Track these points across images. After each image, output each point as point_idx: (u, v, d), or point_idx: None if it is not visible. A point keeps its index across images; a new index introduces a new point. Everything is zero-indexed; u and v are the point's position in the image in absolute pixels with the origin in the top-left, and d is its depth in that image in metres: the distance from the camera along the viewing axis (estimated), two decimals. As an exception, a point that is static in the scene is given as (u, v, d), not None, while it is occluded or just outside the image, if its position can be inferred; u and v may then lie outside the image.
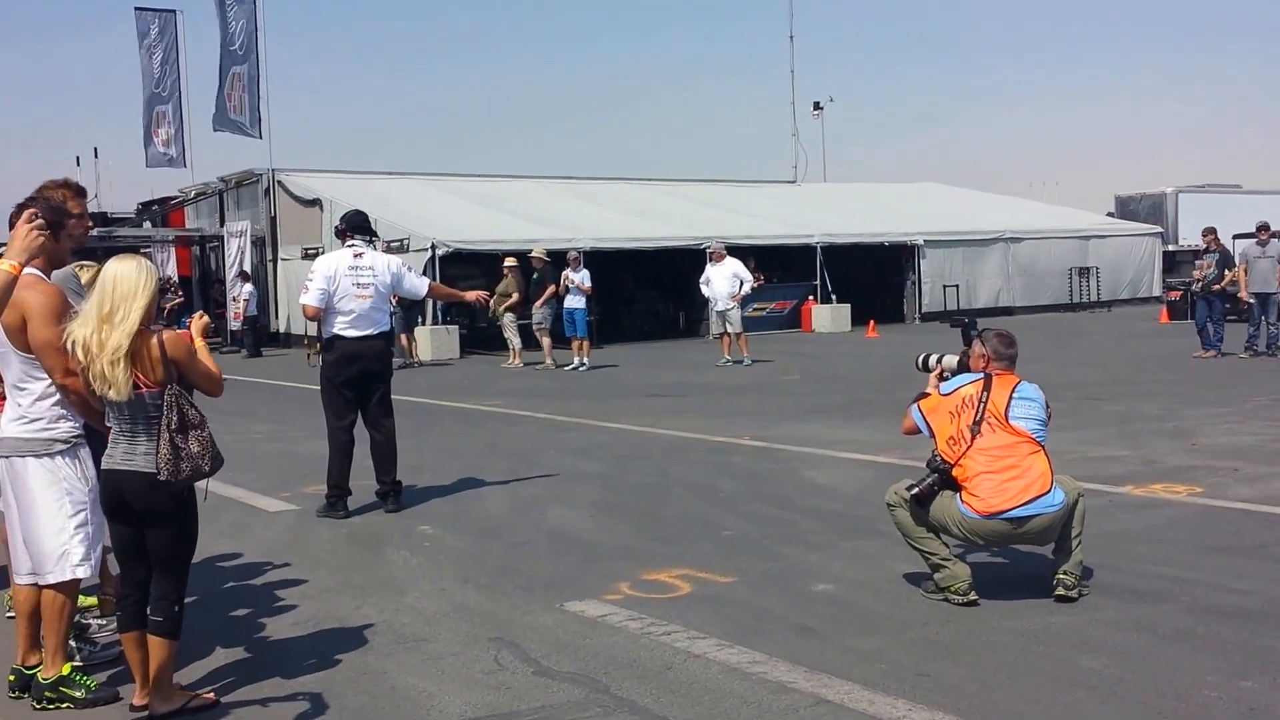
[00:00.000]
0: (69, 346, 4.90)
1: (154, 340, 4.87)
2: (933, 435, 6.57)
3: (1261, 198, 42.00)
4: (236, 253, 31.46)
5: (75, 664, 5.45)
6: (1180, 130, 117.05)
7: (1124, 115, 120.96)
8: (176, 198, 35.97)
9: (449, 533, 8.57)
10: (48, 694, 5.24)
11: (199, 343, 5.25)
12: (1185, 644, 5.65)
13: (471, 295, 10.48)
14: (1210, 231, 21.50)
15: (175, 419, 4.86)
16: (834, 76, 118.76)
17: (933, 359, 7.11)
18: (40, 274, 5.26)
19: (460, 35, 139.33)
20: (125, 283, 4.87)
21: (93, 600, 6.24)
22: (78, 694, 5.24)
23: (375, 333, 9.31)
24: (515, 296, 22.67)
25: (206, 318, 5.58)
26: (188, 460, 4.86)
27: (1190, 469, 9.99)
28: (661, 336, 30.80)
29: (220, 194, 34.61)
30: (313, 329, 9.98)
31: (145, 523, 4.96)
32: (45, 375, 5.18)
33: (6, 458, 5.29)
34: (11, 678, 5.43)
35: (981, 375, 6.59)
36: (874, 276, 34.64)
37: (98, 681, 5.41)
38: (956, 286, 35.16)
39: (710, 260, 22.92)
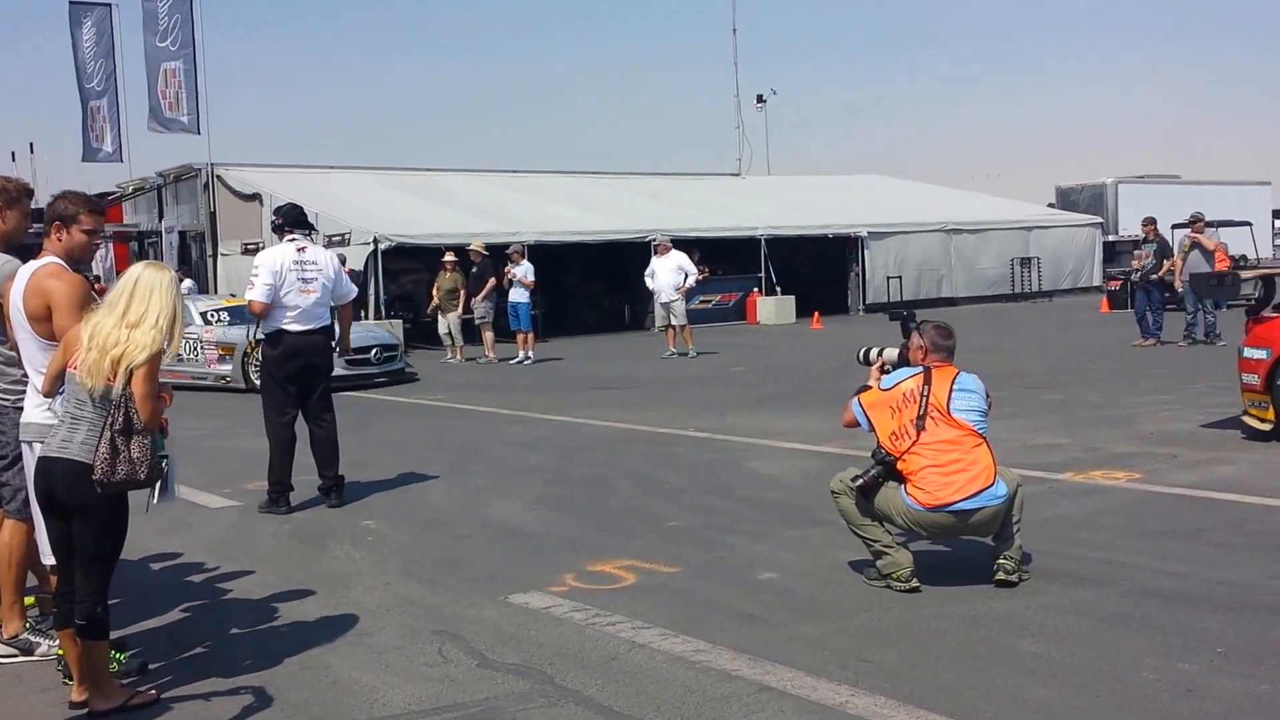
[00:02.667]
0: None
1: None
2: (873, 430, 6.60)
3: (1199, 188, 42.54)
4: (168, 249, 31.08)
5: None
6: (1120, 122, 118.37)
7: (1065, 108, 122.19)
8: (114, 193, 35.47)
9: (392, 527, 8.52)
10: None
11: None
12: (1124, 627, 5.72)
13: (346, 345, 10.11)
14: (1150, 222, 21.81)
15: (121, 419, 4.79)
16: (777, 69, 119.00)
17: (874, 352, 7.13)
18: (64, 264, 5.42)
19: (402, 28, 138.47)
20: (164, 295, 4.89)
21: (30, 600, 6.15)
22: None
23: (317, 327, 9.26)
24: (462, 293, 22.58)
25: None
26: (125, 464, 4.77)
27: (1129, 455, 10.10)
28: (606, 330, 30.75)
29: (158, 189, 34.17)
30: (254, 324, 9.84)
31: (72, 515, 4.89)
32: None
33: (29, 443, 5.35)
34: None
35: (921, 369, 6.62)
36: (818, 268, 34.79)
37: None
38: (900, 278, 35.37)
39: (655, 253, 22.95)
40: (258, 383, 16.07)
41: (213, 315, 19.99)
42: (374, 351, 19.08)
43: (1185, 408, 12.88)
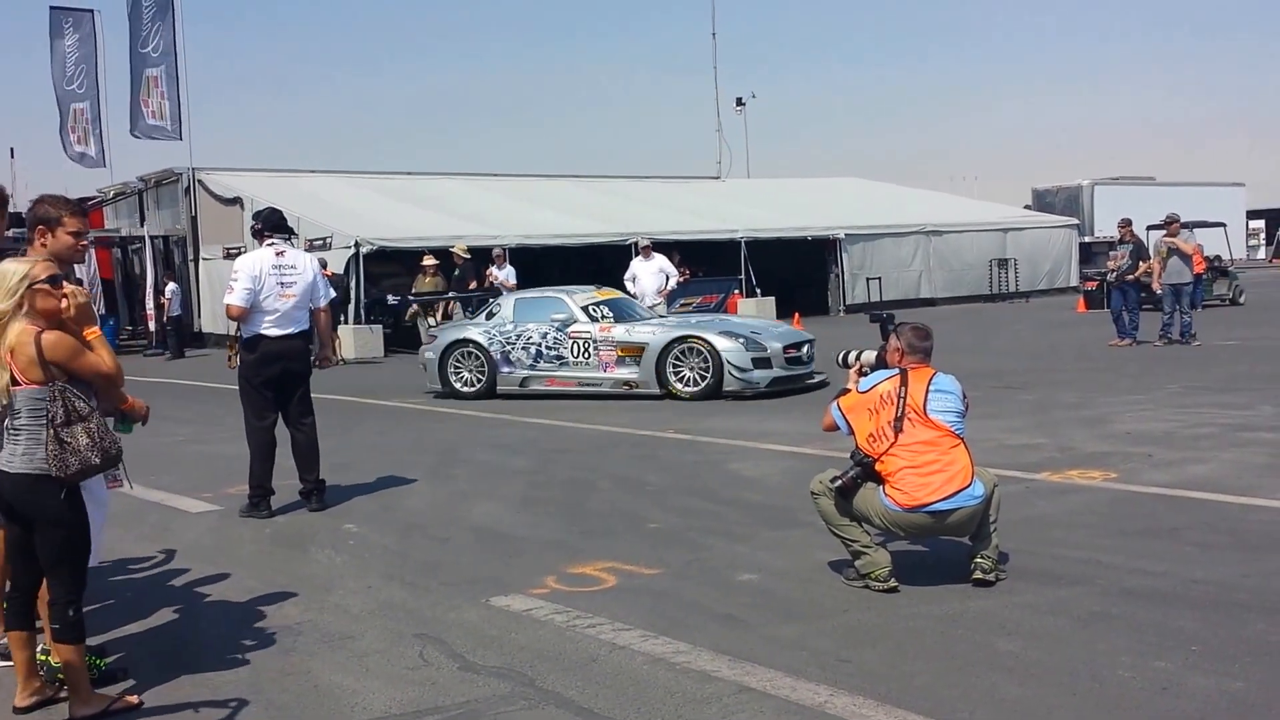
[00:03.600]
0: None
1: (30, 340, 4.80)
2: (851, 433, 6.64)
3: (1174, 189, 42.84)
4: (150, 255, 30.96)
5: None
6: (1095, 125, 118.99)
7: (1041, 111, 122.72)
8: (95, 198, 35.33)
9: (374, 530, 8.53)
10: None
11: (93, 333, 5.03)
12: (1100, 626, 5.77)
13: (324, 356, 9.94)
14: (1125, 223, 21.95)
15: (60, 413, 4.78)
16: (757, 74, 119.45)
17: (852, 355, 7.17)
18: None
19: (384, 33, 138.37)
20: None
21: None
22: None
23: (296, 331, 9.24)
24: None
25: (78, 295, 5.03)
26: (74, 455, 4.77)
27: (1105, 455, 10.17)
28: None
29: (140, 194, 34.06)
30: (234, 328, 9.79)
31: (31, 524, 4.90)
32: None
33: None
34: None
35: (897, 371, 6.66)
36: (798, 270, 34.88)
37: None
38: (879, 279, 35.48)
39: (638, 255, 22.97)
40: (678, 387, 15.58)
41: (595, 309, 16.69)
42: (805, 348, 16.51)
43: (1161, 407, 12.97)
